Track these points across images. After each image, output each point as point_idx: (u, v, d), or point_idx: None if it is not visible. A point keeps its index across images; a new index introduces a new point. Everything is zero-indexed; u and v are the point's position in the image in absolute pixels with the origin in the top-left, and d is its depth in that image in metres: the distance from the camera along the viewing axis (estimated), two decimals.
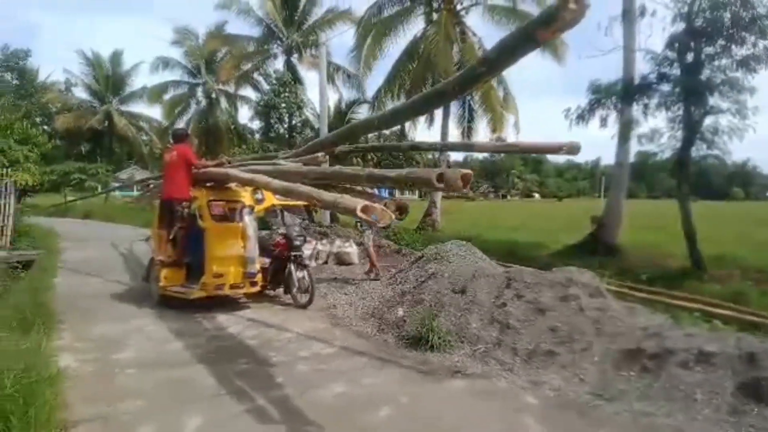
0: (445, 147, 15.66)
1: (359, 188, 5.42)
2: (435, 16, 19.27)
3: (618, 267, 9.65)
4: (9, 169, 11.20)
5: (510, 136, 20.90)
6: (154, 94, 33.49)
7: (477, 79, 3.45)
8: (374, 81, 22.45)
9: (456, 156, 70.96)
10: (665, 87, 10.35)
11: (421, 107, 4.87)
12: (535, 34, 2.79)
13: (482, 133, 20.56)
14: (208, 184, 7.08)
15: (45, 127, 36.13)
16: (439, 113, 19.09)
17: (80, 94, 41.12)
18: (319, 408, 3.81)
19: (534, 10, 18.04)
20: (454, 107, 20.03)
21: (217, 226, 6.70)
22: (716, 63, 9.75)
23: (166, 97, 32.79)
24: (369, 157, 25.17)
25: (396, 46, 19.72)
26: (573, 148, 5.09)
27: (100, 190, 31.99)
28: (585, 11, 2.50)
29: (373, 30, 19.58)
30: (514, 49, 3.01)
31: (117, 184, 34.01)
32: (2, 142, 11.42)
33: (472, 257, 7.71)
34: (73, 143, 41.28)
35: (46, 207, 22.71)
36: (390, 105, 19.80)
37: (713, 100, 9.87)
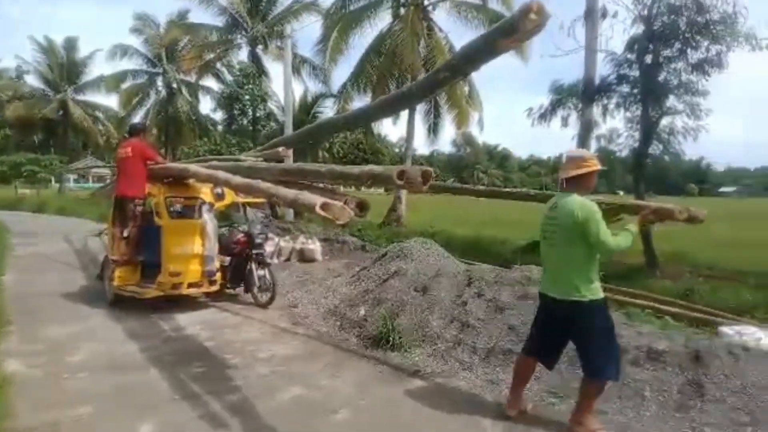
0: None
1: (321, 185, 5.38)
2: (402, 11, 19.26)
3: None
4: None
5: (474, 132, 21.25)
6: (112, 83, 32.44)
7: (440, 83, 3.46)
8: (341, 74, 22.30)
9: (422, 150, 71.55)
10: (624, 88, 10.63)
11: (386, 109, 4.86)
12: (496, 43, 2.80)
13: (448, 129, 20.87)
14: (165, 180, 6.89)
15: None
16: (405, 110, 19.11)
17: (33, 81, 39.43)
18: (276, 412, 3.75)
19: (500, 9, 18.25)
20: (420, 103, 20.11)
21: (175, 224, 6.54)
22: (673, 66, 10.07)
23: (124, 86, 31.82)
24: (336, 150, 25.07)
25: (362, 40, 19.72)
26: None
27: (53, 182, 30.85)
28: (545, 22, 2.52)
29: (340, 23, 19.44)
30: (476, 56, 3.03)
31: (72, 175, 32.90)
32: None
33: (435, 255, 7.73)
34: (24, 133, 39.65)
35: None
36: (356, 99, 19.77)
37: (669, 102, 10.21)
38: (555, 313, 3.51)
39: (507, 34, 2.64)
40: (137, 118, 31.10)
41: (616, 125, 11.69)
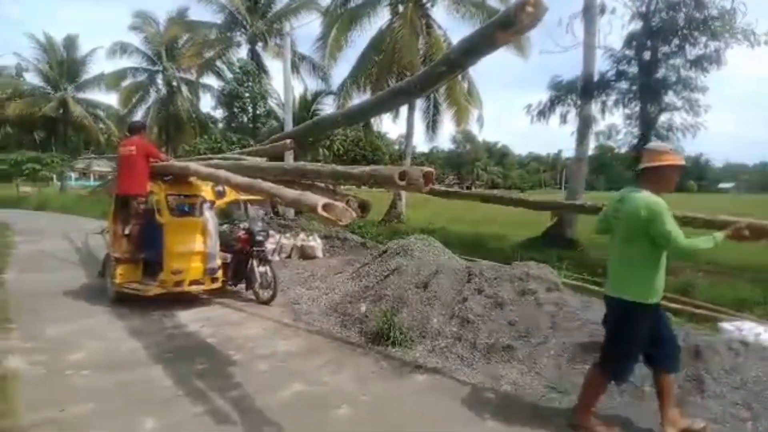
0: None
1: (322, 185, 5.39)
2: (401, 8, 19.20)
3: (575, 260, 9.89)
4: None
5: (474, 129, 21.29)
6: (112, 81, 32.37)
7: (439, 78, 3.47)
8: (340, 72, 22.34)
9: (421, 148, 71.55)
10: (623, 84, 10.65)
11: (385, 104, 4.85)
12: (494, 36, 2.81)
13: (447, 126, 20.89)
14: (166, 178, 6.91)
15: None
16: (404, 106, 19.12)
17: (32, 79, 39.25)
18: (278, 408, 3.79)
19: (498, 6, 18.22)
20: (420, 101, 20.13)
21: (176, 221, 6.57)
22: (671, 62, 10.09)
23: (124, 84, 31.78)
24: (336, 148, 25.06)
25: (362, 38, 19.66)
26: None
27: (55, 179, 30.82)
28: (543, 14, 2.53)
29: (339, 20, 19.39)
30: (474, 49, 3.03)
31: (74, 174, 32.87)
32: None
33: (435, 251, 7.77)
34: (25, 131, 39.54)
35: None
36: (356, 97, 19.73)
37: (668, 98, 10.23)
38: (607, 310, 3.44)
39: (504, 27, 2.65)
40: (138, 116, 31.07)
41: (615, 121, 11.70)
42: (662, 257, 3.21)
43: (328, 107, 24.94)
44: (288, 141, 6.49)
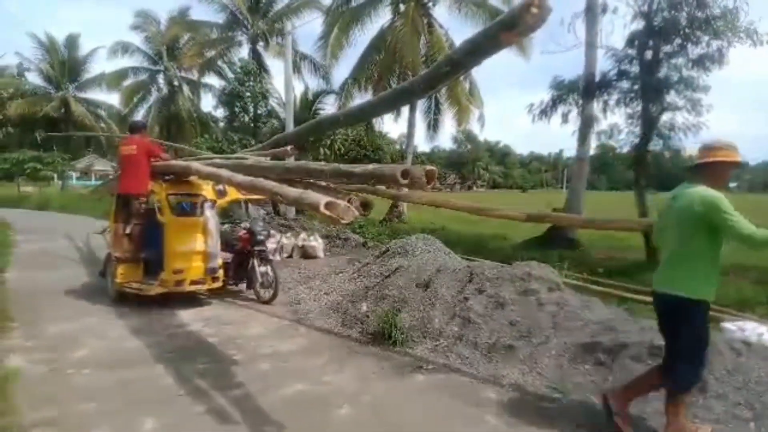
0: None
1: (323, 183, 5.39)
2: (402, 7, 19.19)
3: (576, 259, 9.87)
4: None
5: (475, 129, 21.29)
6: (113, 80, 32.40)
7: (442, 78, 3.46)
8: (342, 72, 22.31)
9: (423, 147, 71.54)
10: (625, 84, 10.59)
11: (387, 104, 4.85)
12: (498, 36, 2.80)
13: (448, 126, 20.90)
14: (167, 177, 6.91)
15: None
16: (405, 106, 19.11)
17: (34, 79, 39.26)
18: (280, 407, 3.78)
19: (500, 5, 18.22)
20: (421, 100, 20.10)
21: (177, 221, 6.56)
22: (673, 61, 10.03)
23: (126, 83, 31.80)
24: (337, 148, 25.05)
25: (363, 37, 19.67)
26: None
27: (56, 179, 30.81)
28: (547, 15, 2.52)
29: (340, 19, 19.39)
30: (478, 50, 3.02)
31: (75, 173, 32.91)
32: None
33: (436, 251, 7.76)
34: (27, 131, 39.53)
35: None
36: (357, 96, 19.72)
37: (670, 98, 10.17)
38: (657, 309, 3.37)
39: (508, 28, 2.64)
40: (139, 116, 31.12)
41: (617, 121, 11.60)
42: (718, 253, 3.08)
43: (329, 107, 24.89)
44: (289, 147, 6.50)
